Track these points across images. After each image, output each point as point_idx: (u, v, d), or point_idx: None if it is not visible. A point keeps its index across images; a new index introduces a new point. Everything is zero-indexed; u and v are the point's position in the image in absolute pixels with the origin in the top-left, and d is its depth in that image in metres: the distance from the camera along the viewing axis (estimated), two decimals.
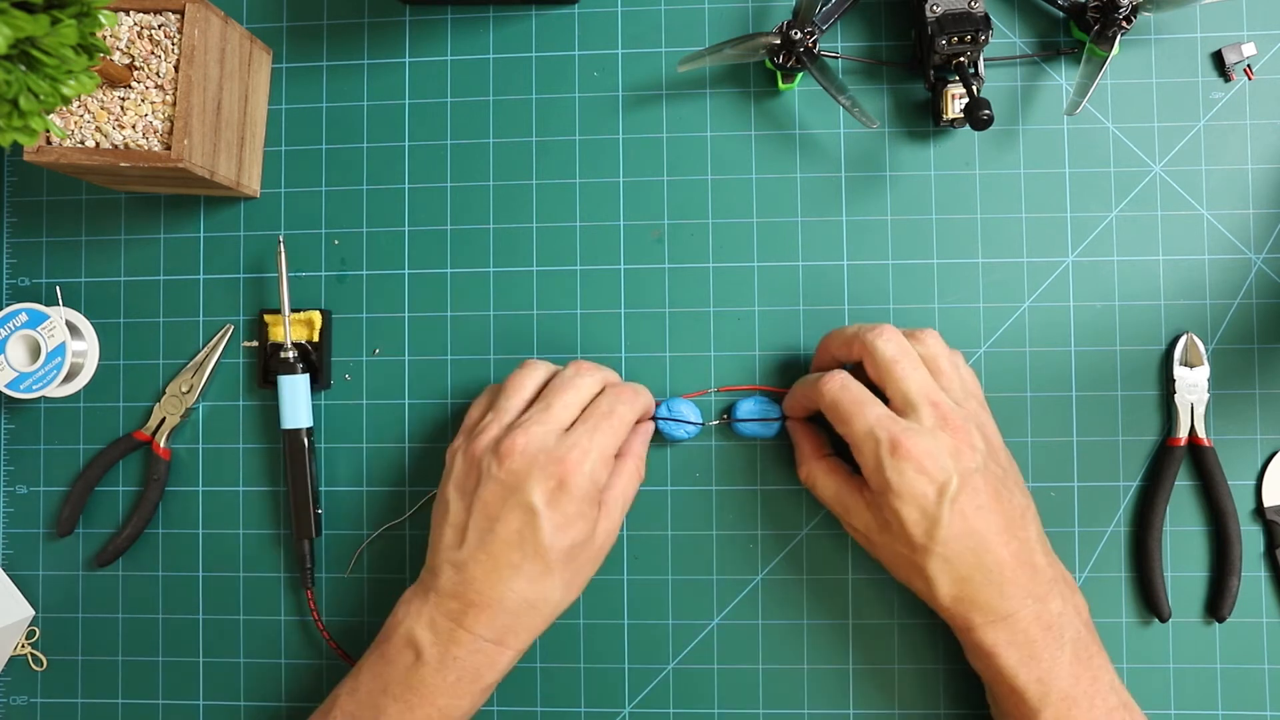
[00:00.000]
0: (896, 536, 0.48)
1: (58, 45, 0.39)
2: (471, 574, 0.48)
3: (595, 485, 0.48)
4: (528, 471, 0.47)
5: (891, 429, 0.47)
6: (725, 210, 0.57)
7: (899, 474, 0.46)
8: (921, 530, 0.46)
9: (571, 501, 0.47)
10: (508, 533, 0.47)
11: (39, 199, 0.60)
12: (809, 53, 0.53)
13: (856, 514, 0.50)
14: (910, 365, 0.48)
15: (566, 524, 0.47)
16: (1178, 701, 0.54)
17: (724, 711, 0.56)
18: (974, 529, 0.46)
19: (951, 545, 0.46)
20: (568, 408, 0.50)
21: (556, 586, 0.48)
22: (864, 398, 0.48)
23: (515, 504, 0.47)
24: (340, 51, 0.59)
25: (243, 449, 0.58)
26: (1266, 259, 0.56)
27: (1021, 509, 0.48)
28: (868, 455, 0.47)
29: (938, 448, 0.46)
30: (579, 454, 0.48)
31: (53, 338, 0.56)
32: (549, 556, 0.47)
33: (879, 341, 0.49)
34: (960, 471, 0.46)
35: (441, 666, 0.47)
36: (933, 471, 0.46)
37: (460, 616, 0.48)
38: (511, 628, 0.48)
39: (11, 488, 0.59)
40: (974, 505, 0.46)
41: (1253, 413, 0.55)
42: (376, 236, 0.58)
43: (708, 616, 0.56)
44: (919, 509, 0.46)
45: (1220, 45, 0.56)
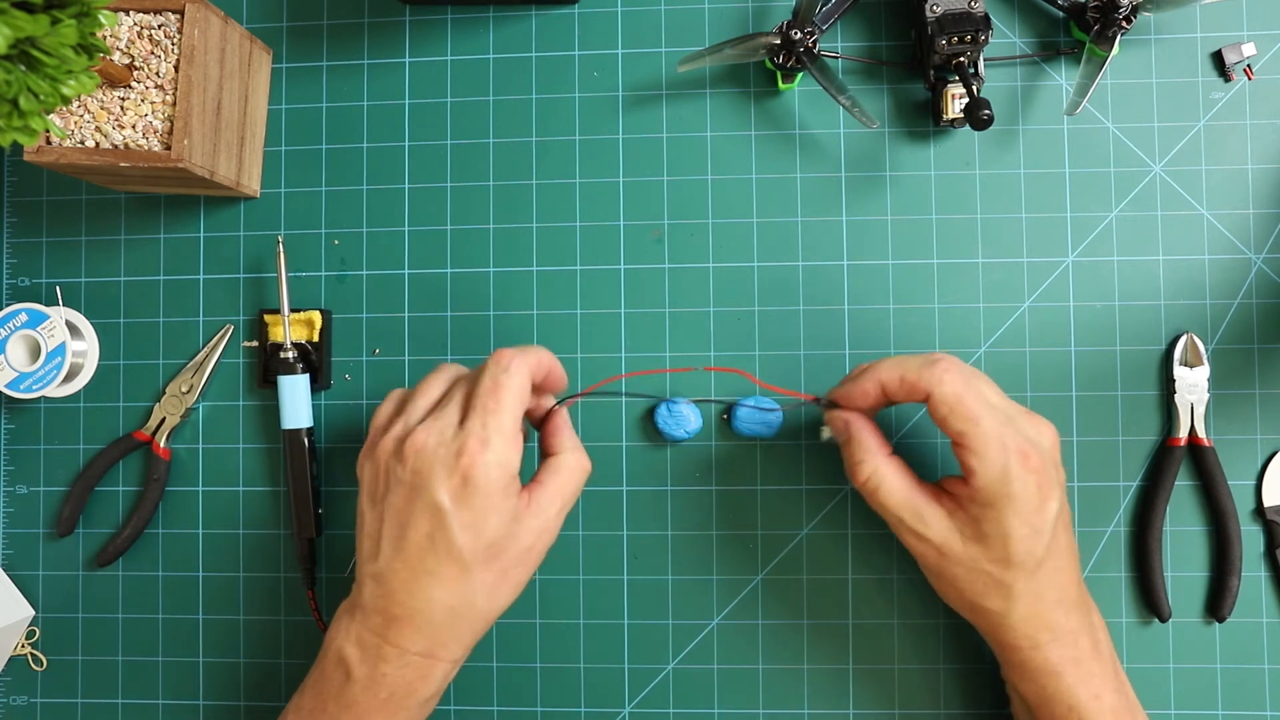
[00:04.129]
0: (991, 550, 0.45)
1: (58, 45, 0.39)
2: (391, 585, 0.45)
3: (504, 473, 0.45)
4: (430, 470, 0.44)
5: (1018, 438, 0.44)
6: (725, 210, 0.57)
7: (1025, 486, 0.44)
8: (1026, 547, 0.45)
9: (480, 496, 0.44)
10: (419, 537, 0.45)
11: (39, 199, 0.60)
12: (809, 53, 0.53)
13: (933, 523, 0.46)
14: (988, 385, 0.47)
15: (477, 521, 0.44)
16: (1178, 701, 0.54)
17: (724, 711, 0.56)
18: (1064, 549, 0.46)
19: (1047, 564, 0.46)
20: (456, 402, 0.47)
21: (479, 589, 0.45)
22: (990, 397, 0.45)
23: (422, 505, 0.44)
24: (340, 51, 0.59)
25: (243, 449, 0.58)
26: (1266, 259, 0.56)
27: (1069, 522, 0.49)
28: (991, 461, 0.44)
29: (1049, 469, 0.45)
30: (476, 443, 0.44)
31: (53, 338, 0.56)
32: (465, 557, 0.44)
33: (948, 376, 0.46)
34: (1058, 496, 0.46)
35: (371, 684, 0.46)
36: (1048, 489, 0.45)
37: (385, 631, 0.46)
38: (439, 638, 0.46)
39: (11, 488, 0.59)
40: (1065, 528, 0.47)
41: (1253, 413, 0.55)
42: (376, 236, 0.58)
43: (708, 616, 0.56)
44: (1030, 526, 0.45)
45: (1220, 45, 0.56)
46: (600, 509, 0.57)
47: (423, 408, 0.48)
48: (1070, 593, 0.47)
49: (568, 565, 0.57)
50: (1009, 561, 0.45)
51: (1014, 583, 0.46)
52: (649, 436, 0.57)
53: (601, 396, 0.57)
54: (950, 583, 0.47)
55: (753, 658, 0.56)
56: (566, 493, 0.48)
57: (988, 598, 0.46)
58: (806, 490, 0.56)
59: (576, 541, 0.57)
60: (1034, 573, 0.46)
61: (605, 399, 0.57)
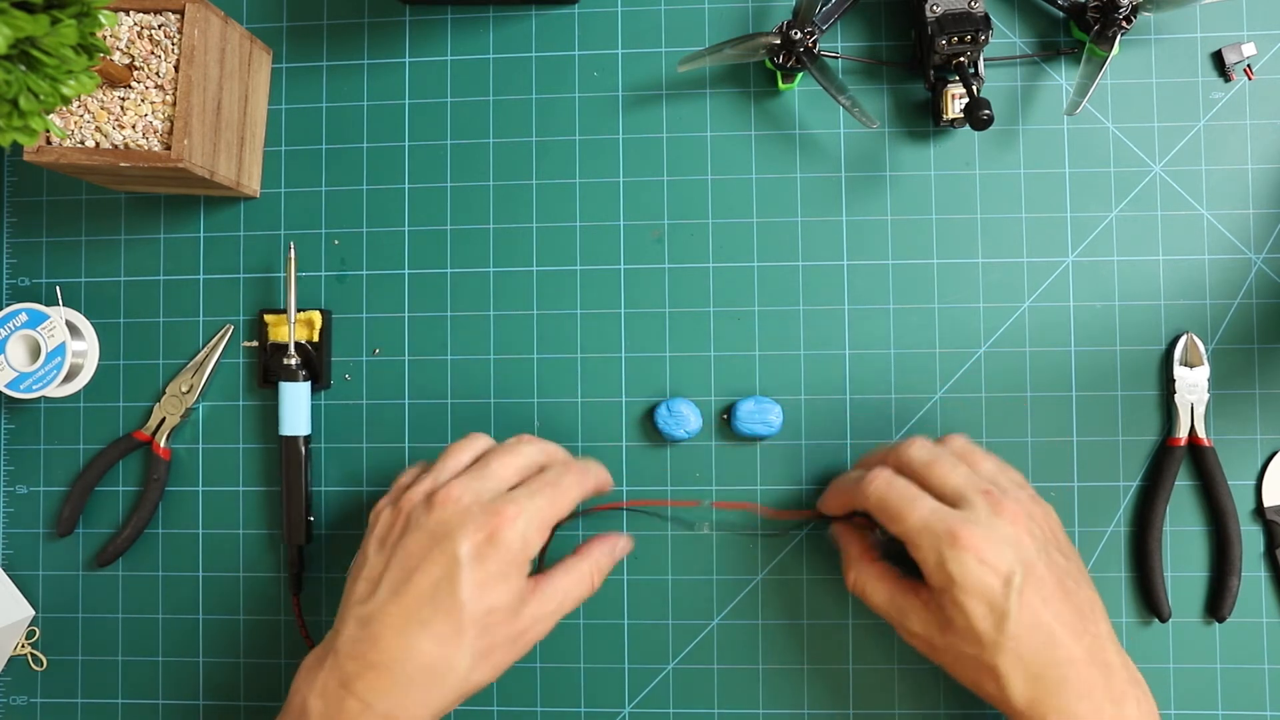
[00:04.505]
0: (962, 635, 0.45)
1: (58, 45, 0.39)
2: (377, 630, 0.45)
3: (526, 547, 0.45)
4: (459, 521, 0.45)
5: (948, 520, 0.45)
6: (725, 210, 0.57)
7: (961, 566, 0.44)
8: (989, 625, 0.44)
9: (497, 558, 0.44)
10: (425, 582, 0.44)
11: (39, 199, 0.60)
12: (809, 53, 0.53)
13: (914, 617, 0.47)
14: (950, 463, 0.47)
15: (488, 583, 0.44)
16: (1178, 701, 0.54)
17: (724, 711, 0.56)
18: (1043, 622, 0.44)
19: (1023, 640, 0.44)
20: (505, 468, 0.48)
21: (466, 654, 0.45)
22: (913, 492, 0.46)
23: (439, 553, 0.45)
24: (340, 51, 0.59)
25: (242, 449, 0.58)
26: (1266, 259, 0.56)
27: (1090, 602, 0.46)
28: (926, 550, 0.45)
29: (997, 536, 0.44)
30: (514, 509, 0.45)
31: (53, 338, 0.56)
32: (464, 614, 0.44)
33: (911, 451, 0.48)
34: (1023, 560, 0.44)
35: None
36: (995, 561, 0.44)
37: (353, 681, 0.44)
38: (408, 698, 0.44)
39: (11, 488, 0.59)
40: (1040, 597, 0.44)
41: (1253, 413, 0.55)
42: (376, 236, 0.58)
43: (708, 616, 0.56)
44: (985, 603, 0.44)
45: (1220, 45, 0.56)
46: None
47: (452, 468, 0.49)
48: (1080, 672, 0.44)
49: None
50: (980, 642, 0.44)
51: (995, 663, 0.44)
52: (649, 436, 0.57)
53: (612, 508, 0.57)
54: (955, 674, 0.48)
55: (753, 658, 0.56)
56: (571, 594, 0.49)
57: (982, 684, 0.46)
58: (806, 490, 0.56)
59: (576, 541, 0.57)
60: (1011, 649, 0.44)
61: (599, 394, 0.57)
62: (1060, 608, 0.45)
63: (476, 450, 0.50)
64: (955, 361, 0.56)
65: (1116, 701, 0.45)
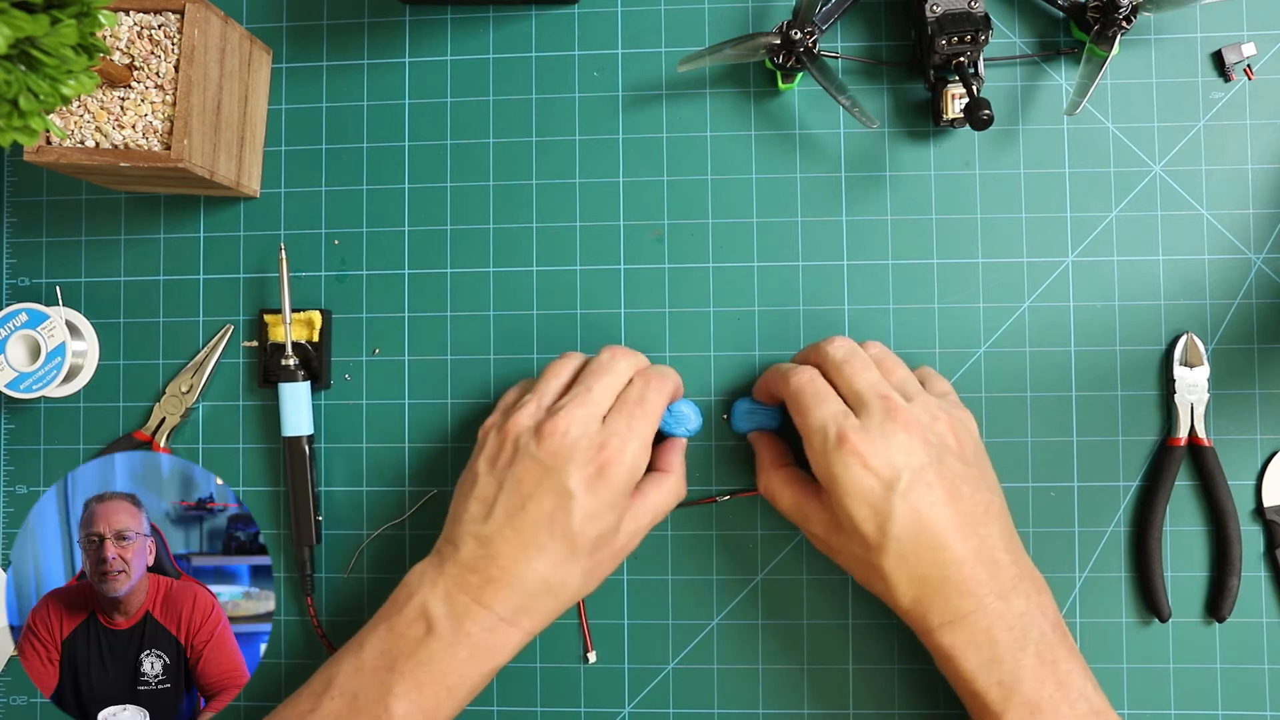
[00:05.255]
0: (850, 537, 0.47)
1: (58, 45, 0.39)
2: (496, 549, 0.47)
3: (633, 476, 0.48)
4: (568, 455, 0.47)
5: (841, 423, 0.47)
6: (725, 210, 0.57)
7: (844, 468, 0.46)
8: (873, 526, 0.46)
9: (608, 490, 0.47)
10: (539, 512, 0.47)
11: (39, 199, 0.60)
12: (809, 53, 0.53)
13: (814, 518, 0.50)
14: (861, 364, 0.49)
15: (599, 513, 0.47)
16: (1178, 701, 0.54)
17: (724, 711, 0.56)
18: (927, 525, 0.45)
19: (905, 541, 0.45)
20: (607, 391, 0.49)
21: (577, 574, 0.48)
22: (826, 393, 0.49)
23: (551, 485, 0.47)
24: (340, 51, 0.59)
25: (242, 449, 0.58)
26: (1266, 259, 0.56)
27: (985, 504, 0.47)
28: (816, 448, 0.47)
29: (885, 444, 0.46)
30: (619, 442, 0.47)
31: (53, 338, 0.56)
32: (577, 542, 0.47)
33: (830, 346, 0.50)
34: (910, 467, 0.46)
35: (454, 642, 0.46)
36: (879, 467, 0.46)
37: (479, 591, 0.47)
38: (527, 608, 0.47)
39: (11, 488, 0.59)
40: (927, 500, 0.46)
41: (1253, 413, 0.55)
42: (376, 236, 0.58)
43: (708, 616, 0.56)
44: (868, 505, 0.46)
45: (1220, 45, 0.56)
46: None
47: (554, 390, 0.51)
48: (965, 571, 0.45)
49: None
50: (865, 544, 0.46)
51: (880, 563, 0.46)
52: None
53: None
54: (852, 573, 0.50)
55: (753, 658, 0.56)
56: (662, 507, 0.52)
57: (872, 583, 0.48)
58: None
59: None
60: (894, 550, 0.46)
61: None
62: (947, 511, 0.46)
63: (574, 368, 0.52)
64: (955, 361, 0.56)
65: (1002, 596, 0.46)
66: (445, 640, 0.47)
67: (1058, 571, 0.55)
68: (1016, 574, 0.47)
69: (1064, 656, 0.46)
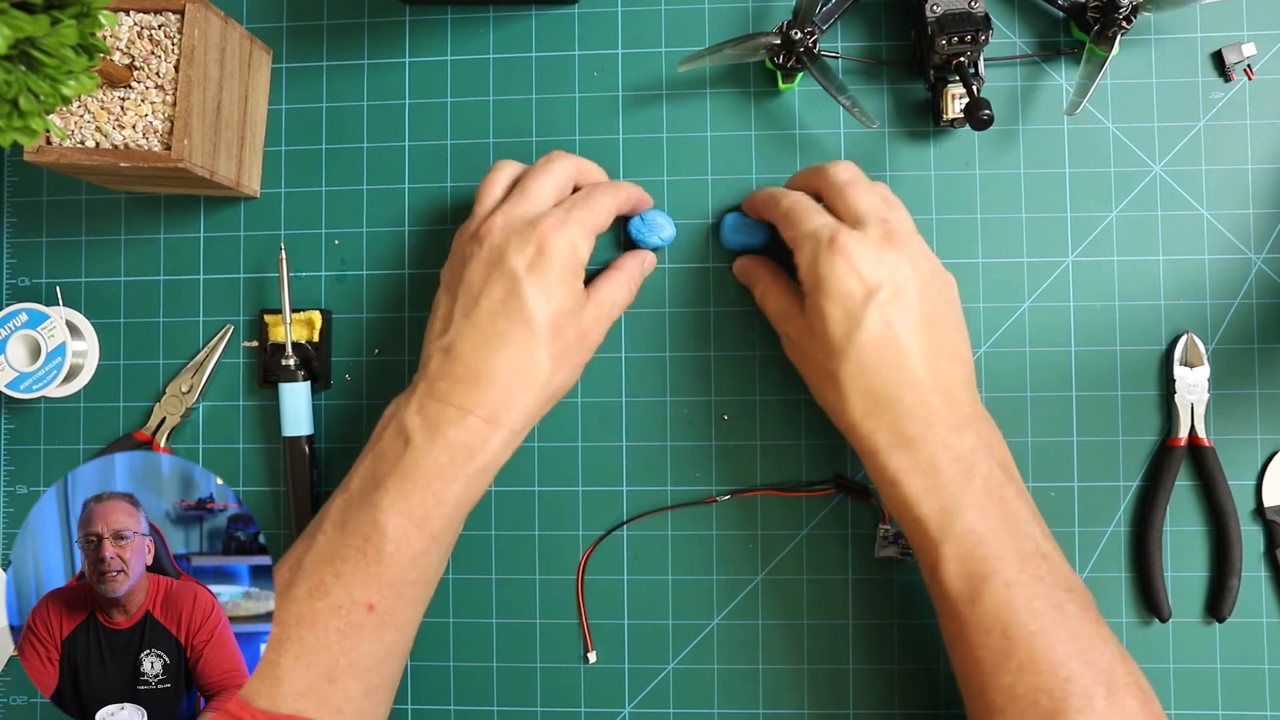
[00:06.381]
0: (819, 341, 0.47)
1: (58, 45, 0.39)
2: (459, 350, 0.48)
3: (576, 254, 0.48)
4: (506, 241, 0.48)
5: (836, 229, 0.47)
6: (725, 210, 0.57)
7: (830, 268, 0.46)
8: (841, 331, 0.46)
9: (552, 266, 0.47)
10: (492, 303, 0.47)
11: (39, 199, 0.60)
12: (809, 53, 0.53)
13: (794, 323, 0.50)
14: (866, 187, 0.49)
15: (549, 289, 0.47)
16: (1178, 701, 0.54)
17: (724, 711, 0.56)
18: (894, 341, 0.46)
19: (869, 352, 0.46)
20: (543, 189, 0.50)
21: (545, 358, 0.48)
22: (816, 208, 0.49)
23: (497, 274, 0.47)
24: (340, 51, 0.59)
25: (243, 449, 0.58)
26: (1266, 259, 0.56)
27: (953, 344, 0.47)
28: (806, 252, 0.47)
29: (878, 255, 0.46)
30: (554, 221, 0.48)
31: (53, 338, 0.56)
32: (534, 322, 0.47)
33: (834, 168, 0.50)
34: (893, 282, 0.46)
35: (431, 447, 0.47)
36: (865, 272, 0.46)
37: (448, 394, 0.47)
38: (502, 402, 0.47)
39: (11, 488, 0.59)
40: (901, 318, 0.46)
41: (1253, 413, 0.55)
42: (376, 236, 0.58)
43: (708, 616, 0.56)
44: (843, 308, 0.46)
45: (1220, 45, 0.56)
46: (600, 509, 0.57)
47: (490, 201, 0.51)
48: (920, 395, 0.46)
49: (568, 565, 0.57)
50: (829, 348, 0.47)
51: (838, 370, 0.46)
52: (649, 435, 0.57)
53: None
54: (810, 384, 0.50)
55: (753, 658, 0.56)
56: (618, 300, 0.52)
57: (826, 392, 0.48)
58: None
59: (577, 541, 0.57)
60: (855, 359, 0.46)
61: (599, 394, 0.57)
62: (916, 334, 0.46)
63: (509, 177, 0.52)
64: None
65: (954, 429, 0.46)
66: (422, 448, 0.47)
67: None
68: (970, 413, 0.47)
69: (1012, 497, 0.46)
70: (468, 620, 0.57)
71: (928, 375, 0.46)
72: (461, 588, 0.57)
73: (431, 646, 0.57)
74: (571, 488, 0.57)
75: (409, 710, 0.57)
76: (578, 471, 0.57)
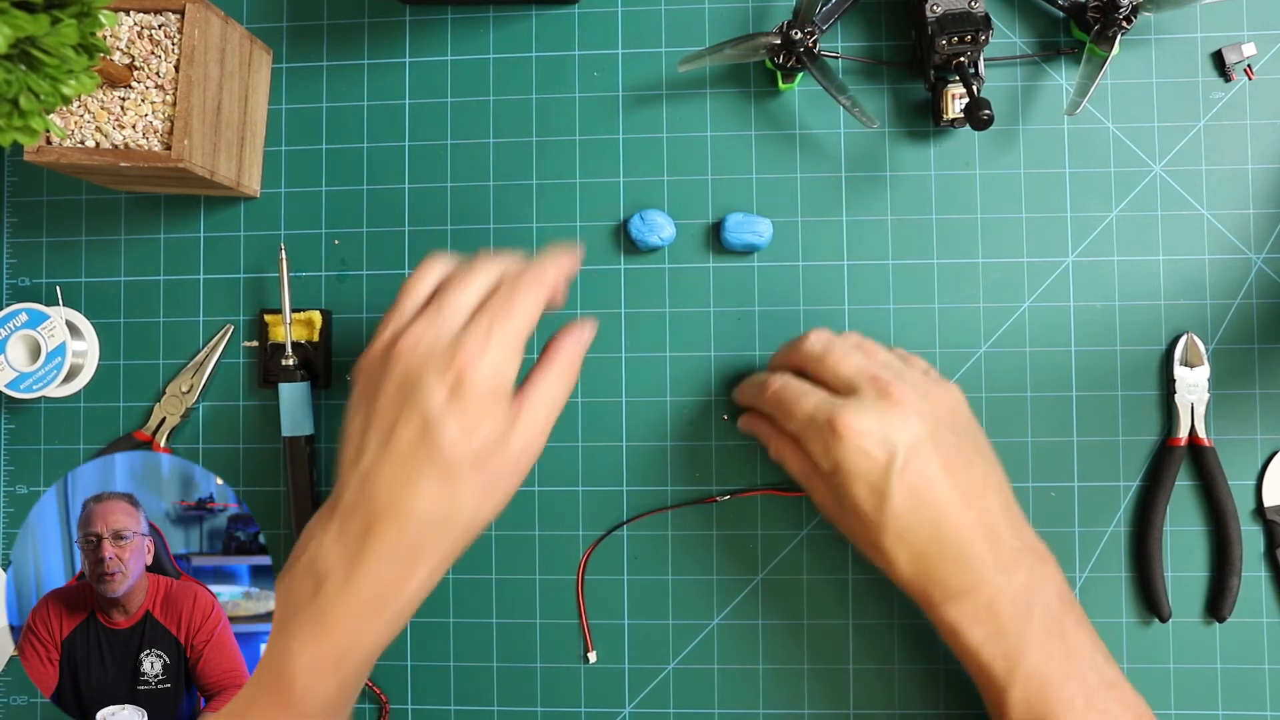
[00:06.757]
0: (852, 514, 0.47)
1: (58, 45, 0.39)
2: (375, 485, 0.44)
3: (500, 380, 0.44)
4: (422, 368, 0.44)
5: (829, 410, 0.46)
6: (725, 210, 0.57)
7: (843, 454, 0.46)
8: (872, 506, 0.46)
9: (474, 397, 0.43)
10: (408, 436, 0.43)
11: (39, 199, 0.60)
12: (809, 53, 0.53)
13: (818, 493, 0.50)
14: (842, 351, 0.49)
15: (470, 424, 0.43)
16: (1178, 701, 0.54)
17: (724, 711, 0.56)
18: (926, 501, 0.45)
19: (904, 519, 0.45)
20: (463, 297, 0.46)
21: (468, 496, 0.44)
22: (804, 389, 0.49)
23: (411, 406, 0.44)
24: (340, 51, 0.59)
25: (243, 449, 0.58)
26: (1266, 259, 0.56)
27: (982, 478, 0.47)
28: (813, 442, 0.47)
29: (879, 421, 0.46)
30: (475, 344, 0.44)
31: (53, 338, 0.56)
32: (454, 461, 0.43)
33: (806, 343, 0.50)
34: (906, 443, 0.45)
35: (344, 590, 0.44)
36: (874, 446, 0.45)
37: (364, 535, 0.44)
38: (421, 545, 0.44)
39: (11, 488, 0.59)
40: (924, 477, 0.45)
41: (1253, 413, 0.55)
42: (376, 236, 0.58)
43: (708, 616, 0.56)
44: (867, 485, 0.46)
45: (1220, 45, 0.56)
46: (600, 508, 0.57)
47: (410, 309, 0.47)
48: (964, 547, 0.45)
49: (568, 565, 0.57)
50: (865, 522, 0.46)
51: (879, 541, 0.46)
52: (649, 435, 0.57)
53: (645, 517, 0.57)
54: (857, 547, 0.50)
55: (753, 658, 0.56)
56: (555, 399, 0.47)
57: (875, 559, 0.48)
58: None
59: (577, 541, 0.57)
60: (893, 529, 0.46)
61: (599, 395, 0.57)
62: (944, 485, 0.46)
63: (432, 282, 0.48)
64: (955, 361, 0.56)
65: (1004, 569, 0.46)
66: (335, 590, 0.44)
67: None
68: (1018, 546, 0.47)
69: (1071, 628, 0.46)
70: (468, 620, 0.57)
71: (966, 523, 0.46)
72: (461, 588, 0.57)
73: (431, 646, 0.57)
74: (571, 488, 0.57)
75: (409, 710, 0.57)
76: (578, 471, 0.57)
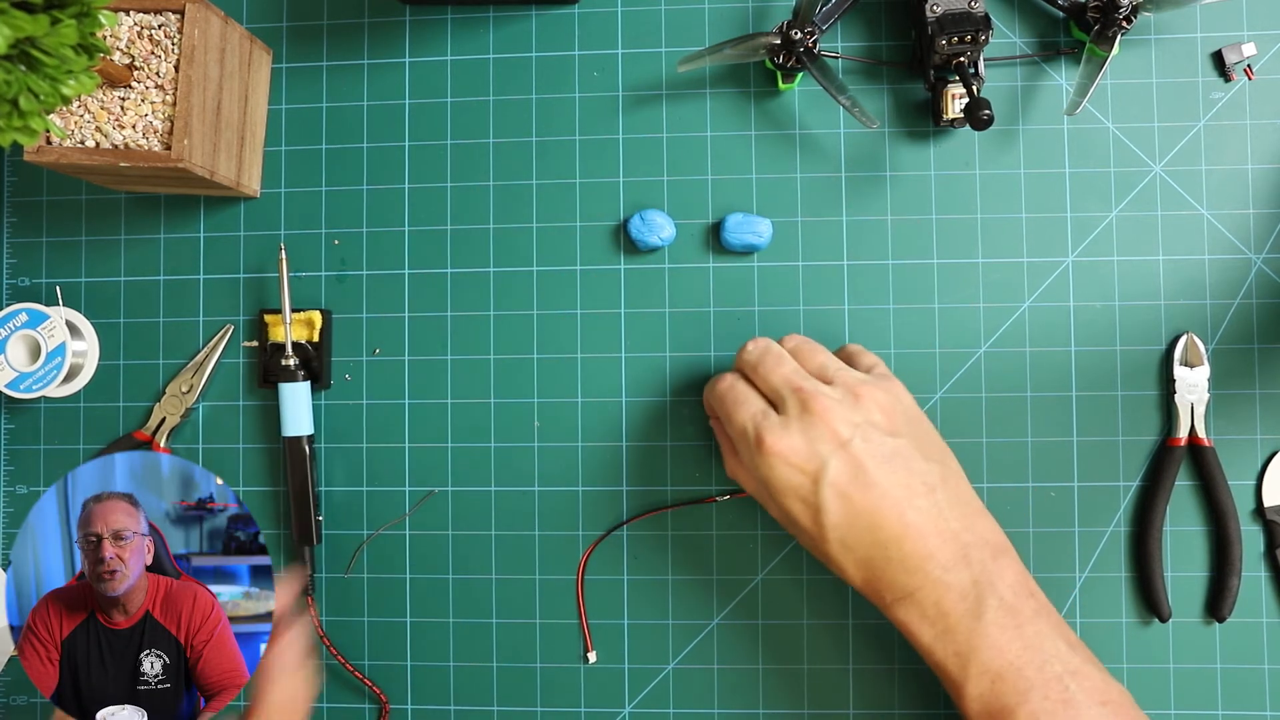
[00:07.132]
0: (798, 529, 0.47)
1: (58, 45, 0.39)
2: None
3: None
4: None
5: (758, 426, 0.47)
6: (725, 210, 0.57)
7: (770, 470, 0.46)
8: (809, 520, 0.46)
9: None
10: None
11: (39, 199, 0.60)
12: (809, 53, 0.53)
13: (770, 508, 0.50)
14: (774, 361, 0.49)
15: None
16: (1178, 701, 0.54)
17: (724, 711, 0.56)
18: (861, 508, 0.45)
19: (843, 529, 0.46)
20: None
21: None
22: (743, 397, 0.49)
23: None
24: (340, 51, 0.59)
25: (243, 449, 0.58)
26: (1266, 259, 0.56)
27: (921, 475, 0.46)
28: (744, 455, 0.48)
29: (804, 437, 0.46)
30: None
31: (53, 338, 0.56)
32: None
33: (743, 352, 0.50)
34: (831, 454, 0.45)
35: None
36: (801, 461, 0.46)
37: None
38: None
39: (11, 488, 0.59)
40: (856, 484, 0.45)
41: (1253, 413, 0.55)
42: (376, 236, 0.58)
43: (708, 616, 0.56)
44: (800, 500, 0.46)
45: (1220, 45, 0.56)
46: (600, 508, 0.57)
47: None
48: (906, 547, 0.45)
49: (567, 565, 0.57)
50: (809, 535, 0.47)
51: (826, 550, 0.47)
52: (649, 435, 0.57)
53: None
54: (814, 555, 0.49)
55: (753, 658, 0.56)
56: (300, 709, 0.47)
57: (829, 566, 0.48)
58: None
59: (577, 541, 0.57)
60: (835, 539, 0.46)
61: (598, 394, 0.57)
62: (877, 491, 0.45)
63: None
64: (955, 361, 0.56)
65: (949, 567, 0.45)
66: None
67: (1058, 571, 0.55)
68: (969, 541, 0.46)
69: (1029, 619, 0.45)
70: (468, 620, 0.57)
71: (908, 523, 0.45)
72: (461, 588, 0.57)
73: (431, 646, 0.57)
74: (571, 488, 0.57)
75: (409, 710, 0.57)
76: (578, 471, 0.57)
